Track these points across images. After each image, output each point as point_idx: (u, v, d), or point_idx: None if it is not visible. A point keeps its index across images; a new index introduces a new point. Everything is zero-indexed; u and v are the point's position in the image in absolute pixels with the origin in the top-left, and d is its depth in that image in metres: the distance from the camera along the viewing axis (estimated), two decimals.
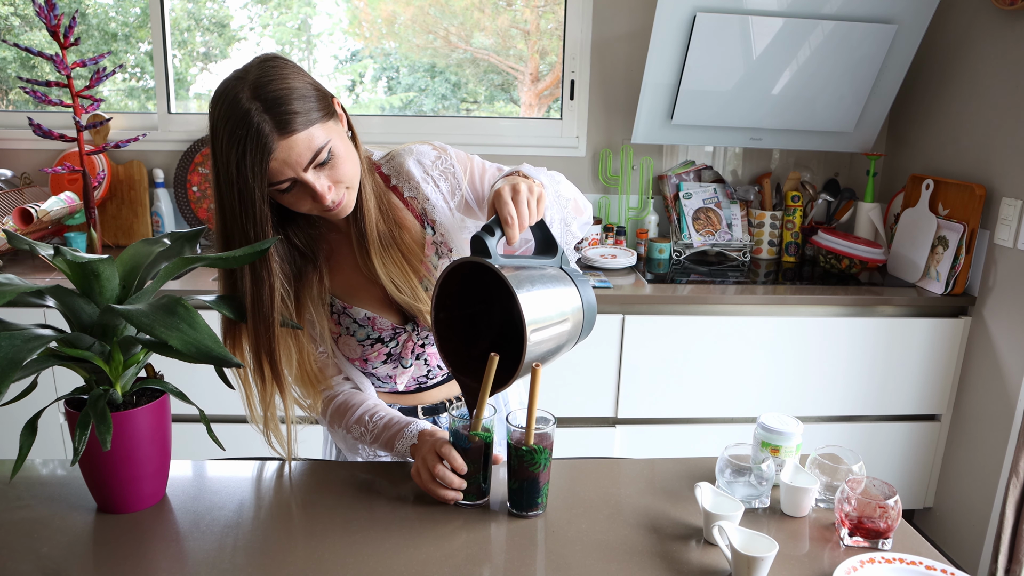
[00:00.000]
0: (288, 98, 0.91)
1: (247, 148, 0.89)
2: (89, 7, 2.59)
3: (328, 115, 0.96)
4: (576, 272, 1.00)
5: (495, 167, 1.17)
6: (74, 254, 0.85)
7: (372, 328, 1.13)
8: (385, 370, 1.18)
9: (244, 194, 0.92)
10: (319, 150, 0.93)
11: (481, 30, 2.69)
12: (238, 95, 0.90)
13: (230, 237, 0.96)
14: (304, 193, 0.97)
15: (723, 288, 2.17)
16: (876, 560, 0.90)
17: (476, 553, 0.91)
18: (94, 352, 0.91)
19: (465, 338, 1.01)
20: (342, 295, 1.13)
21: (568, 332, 0.96)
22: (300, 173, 0.94)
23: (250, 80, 0.91)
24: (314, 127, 0.93)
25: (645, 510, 1.02)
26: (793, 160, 2.67)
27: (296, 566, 0.88)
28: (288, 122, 0.90)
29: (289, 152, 0.91)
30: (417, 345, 1.17)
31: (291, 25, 2.69)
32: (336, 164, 0.96)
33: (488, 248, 0.90)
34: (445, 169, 1.14)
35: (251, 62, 0.95)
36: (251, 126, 0.89)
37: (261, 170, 0.91)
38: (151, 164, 2.50)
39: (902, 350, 2.16)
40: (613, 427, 2.17)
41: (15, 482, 1.05)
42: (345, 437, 1.15)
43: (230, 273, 1.00)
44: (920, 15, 2.20)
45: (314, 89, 0.95)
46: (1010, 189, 2.03)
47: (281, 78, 0.92)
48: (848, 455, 1.06)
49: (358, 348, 1.14)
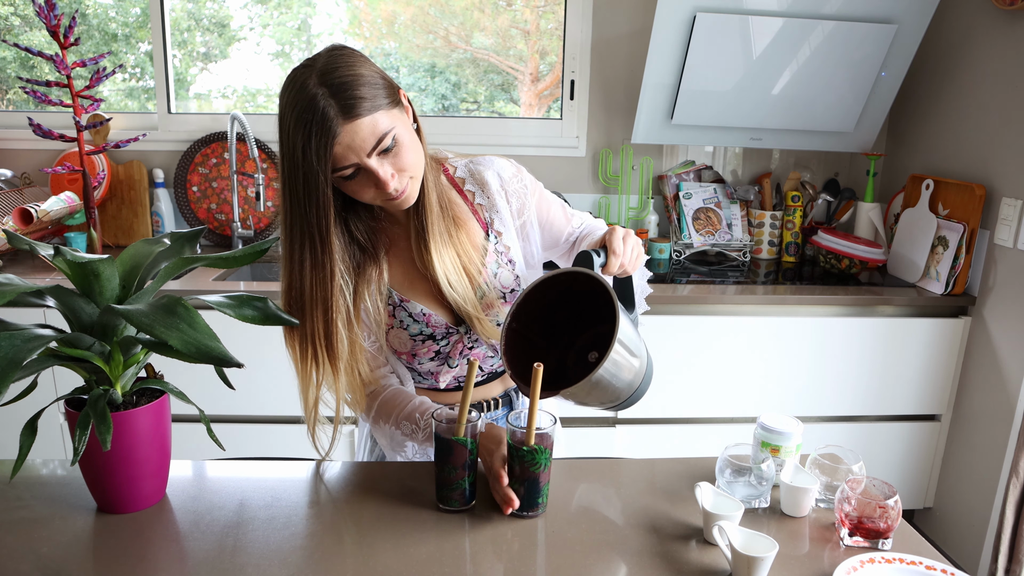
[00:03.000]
0: (354, 84, 0.93)
1: (312, 132, 0.91)
2: (89, 7, 2.59)
3: (394, 103, 0.97)
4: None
5: (559, 203, 1.23)
6: (74, 254, 0.85)
7: (426, 324, 1.14)
8: (430, 367, 1.19)
9: (309, 178, 0.94)
10: (383, 136, 0.95)
11: (481, 30, 2.69)
12: (306, 81, 0.92)
13: (292, 221, 0.98)
14: (367, 180, 0.98)
15: (723, 288, 2.17)
16: (876, 560, 0.90)
17: (476, 553, 0.91)
18: (94, 352, 0.91)
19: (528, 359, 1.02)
20: (399, 288, 1.14)
21: (633, 373, 0.99)
22: (364, 159, 0.95)
23: (318, 67, 0.93)
24: (379, 113, 0.94)
25: (645, 510, 1.02)
26: (793, 160, 2.67)
27: (296, 566, 0.88)
28: (353, 107, 0.92)
29: (353, 136, 0.93)
30: (466, 347, 1.17)
31: (291, 25, 2.69)
32: (400, 152, 0.97)
33: (594, 265, 0.97)
34: (519, 188, 1.17)
35: (321, 51, 0.97)
36: (317, 110, 0.91)
37: (326, 154, 0.92)
38: (151, 164, 2.50)
39: (902, 350, 2.16)
40: (613, 427, 2.17)
41: (15, 482, 1.05)
42: (392, 434, 1.15)
43: (290, 258, 1.00)
44: (920, 15, 2.20)
45: (381, 78, 0.97)
46: (1010, 189, 2.03)
47: (348, 65, 0.94)
48: (848, 455, 1.06)
49: (409, 342, 1.15)
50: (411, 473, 1.11)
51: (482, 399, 1.24)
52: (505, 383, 1.27)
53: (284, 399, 2.02)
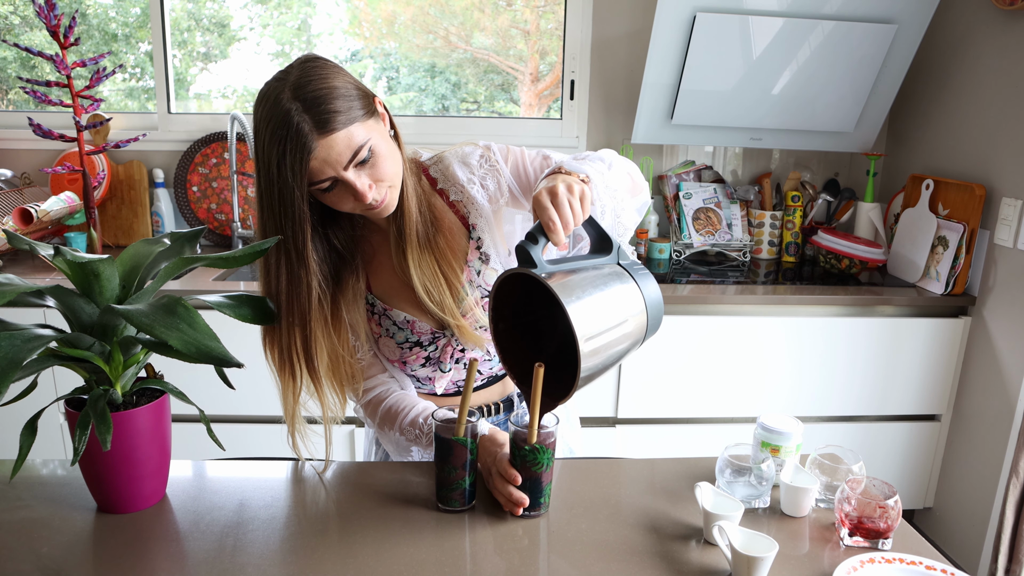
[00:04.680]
0: (328, 97, 0.91)
1: (287, 148, 0.90)
2: (89, 7, 2.59)
3: (369, 114, 0.96)
4: (635, 266, 0.95)
5: (540, 155, 1.14)
6: (74, 254, 0.85)
7: (411, 331, 1.13)
8: (424, 372, 1.18)
9: (284, 193, 0.93)
10: (359, 148, 0.94)
11: (481, 30, 2.69)
12: (279, 96, 0.91)
13: (267, 234, 0.97)
14: (346, 192, 0.97)
15: (723, 288, 2.17)
16: (876, 560, 0.90)
17: (477, 553, 0.91)
18: (94, 352, 0.91)
19: (530, 345, 0.99)
20: (382, 297, 1.13)
21: (631, 333, 0.91)
22: (340, 172, 0.94)
23: (291, 81, 0.92)
24: (354, 126, 0.93)
25: (645, 510, 1.02)
26: (793, 160, 2.67)
27: (296, 566, 0.88)
28: (327, 121, 0.91)
29: (329, 151, 0.92)
30: (456, 350, 1.16)
31: (291, 25, 2.69)
32: (377, 163, 0.96)
33: (532, 258, 0.87)
34: (490, 167, 1.13)
35: (293, 63, 0.96)
36: (291, 126, 0.90)
37: (301, 169, 0.91)
38: (151, 164, 2.50)
39: (902, 350, 2.16)
40: (613, 427, 2.17)
41: (15, 482, 1.05)
42: (398, 440, 1.14)
43: (266, 270, 1.00)
44: (920, 15, 2.20)
45: (355, 88, 0.96)
46: (1010, 189, 2.03)
47: (321, 78, 0.93)
48: (848, 455, 1.06)
49: (397, 350, 1.15)
50: (411, 473, 1.11)
51: (481, 404, 1.24)
52: (504, 388, 1.27)
53: None
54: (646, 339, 0.95)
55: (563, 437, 1.35)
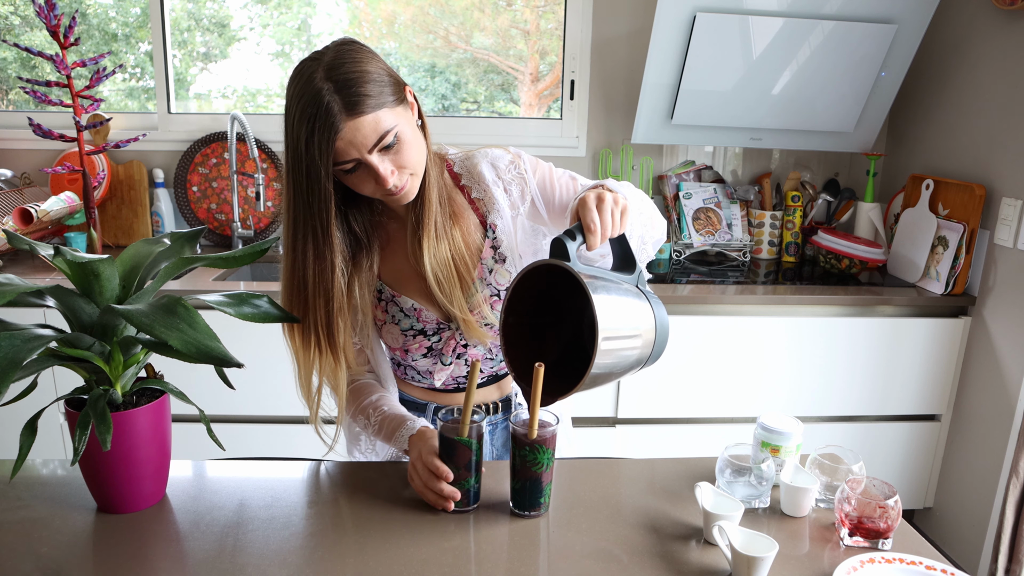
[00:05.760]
0: (359, 80, 0.93)
1: (316, 126, 0.92)
2: (89, 7, 2.59)
3: (399, 101, 0.98)
4: (651, 293, 1.00)
5: (568, 175, 1.18)
6: (74, 254, 0.85)
7: (417, 319, 1.14)
8: (425, 364, 1.19)
9: (311, 170, 0.94)
10: (385, 133, 0.95)
11: (481, 30, 2.69)
12: (312, 75, 0.93)
13: (295, 212, 0.99)
14: (367, 175, 0.98)
15: (723, 288, 2.17)
16: (876, 560, 0.90)
17: (477, 553, 0.91)
18: (94, 352, 0.91)
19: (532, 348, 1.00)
20: (392, 283, 1.14)
21: (639, 347, 0.95)
22: (364, 155, 0.95)
23: (325, 61, 0.94)
24: (382, 110, 0.95)
25: (645, 510, 1.02)
26: (793, 160, 2.67)
27: (296, 566, 0.88)
28: (357, 103, 0.92)
29: (355, 133, 0.93)
30: (459, 344, 1.17)
31: (291, 25, 2.69)
32: (401, 149, 0.98)
33: (568, 252, 0.90)
34: (518, 174, 1.16)
35: (330, 45, 0.98)
36: (321, 105, 0.91)
37: (328, 148, 0.93)
38: (151, 164, 2.50)
39: (902, 350, 2.16)
40: (613, 427, 2.17)
41: (15, 482, 1.05)
42: (350, 425, 1.16)
43: (292, 247, 1.01)
44: (920, 15, 2.20)
45: (387, 75, 0.98)
46: (1010, 189, 2.03)
47: (355, 61, 0.95)
48: (848, 455, 1.06)
49: (400, 337, 1.15)
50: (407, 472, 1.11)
51: (480, 403, 1.24)
52: (502, 388, 1.27)
53: (284, 399, 2.02)
54: (646, 364, 0.99)
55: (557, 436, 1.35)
